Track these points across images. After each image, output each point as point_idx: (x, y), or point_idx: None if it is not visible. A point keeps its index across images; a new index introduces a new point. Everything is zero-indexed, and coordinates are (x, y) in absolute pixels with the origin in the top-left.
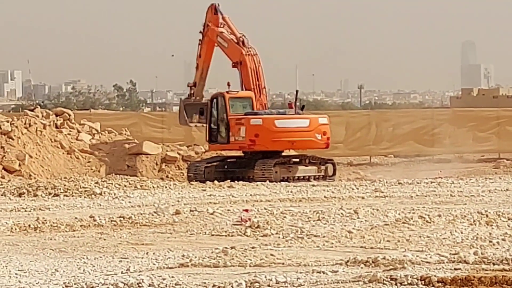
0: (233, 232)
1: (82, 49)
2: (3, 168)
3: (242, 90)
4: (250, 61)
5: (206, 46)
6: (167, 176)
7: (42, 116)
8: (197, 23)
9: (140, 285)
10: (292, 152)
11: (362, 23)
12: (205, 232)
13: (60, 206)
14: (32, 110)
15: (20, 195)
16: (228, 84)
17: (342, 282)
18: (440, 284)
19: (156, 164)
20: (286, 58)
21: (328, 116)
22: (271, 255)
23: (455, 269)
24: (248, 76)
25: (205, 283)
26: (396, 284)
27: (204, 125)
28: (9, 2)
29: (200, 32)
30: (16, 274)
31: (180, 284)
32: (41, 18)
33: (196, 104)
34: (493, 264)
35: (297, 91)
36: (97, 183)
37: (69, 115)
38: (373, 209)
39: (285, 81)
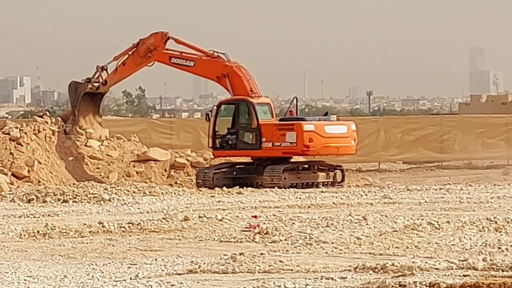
0: (242, 238)
1: (91, 55)
2: (12, 174)
3: None
4: (240, 71)
5: (137, 63)
6: (176, 183)
7: (51, 122)
8: (206, 30)
9: None
10: (301, 159)
11: (371, 29)
12: (214, 238)
13: (69, 212)
14: (41, 117)
15: (29, 201)
16: (251, 90)
17: None
18: None
19: (165, 170)
20: (295, 64)
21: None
22: (280, 261)
23: (464, 275)
24: (241, 84)
25: None
26: None
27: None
28: (18, 10)
29: (134, 44)
30: (25, 280)
31: None
32: (49, 25)
33: (96, 95)
34: (502, 270)
35: (294, 98)
36: (106, 189)
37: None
38: (381, 215)
39: (295, 87)
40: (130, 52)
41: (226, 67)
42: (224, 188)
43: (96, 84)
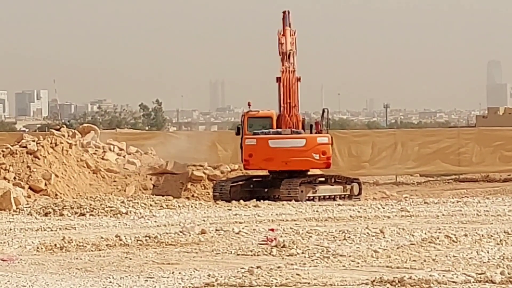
0: (259, 251)
1: (107, 68)
2: (30, 188)
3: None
4: (285, 78)
5: None
6: (192, 196)
7: (68, 136)
8: (217, 42)
9: None
10: (317, 172)
11: (388, 43)
12: (231, 252)
13: (86, 226)
14: (58, 130)
15: (46, 214)
16: (249, 104)
17: None
18: None
19: (182, 183)
20: (312, 77)
21: (331, 136)
22: (297, 274)
23: None
24: (281, 93)
25: None
26: None
27: None
28: (34, 23)
29: None
30: None
31: None
32: (66, 38)
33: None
34: None
35: (323, 110)
36: (123, 202)
37: (95, 131)
38: (399, 228)
39: (311, 100)
40: None
41: (282, 72)
42: (241, 201)
43: None
